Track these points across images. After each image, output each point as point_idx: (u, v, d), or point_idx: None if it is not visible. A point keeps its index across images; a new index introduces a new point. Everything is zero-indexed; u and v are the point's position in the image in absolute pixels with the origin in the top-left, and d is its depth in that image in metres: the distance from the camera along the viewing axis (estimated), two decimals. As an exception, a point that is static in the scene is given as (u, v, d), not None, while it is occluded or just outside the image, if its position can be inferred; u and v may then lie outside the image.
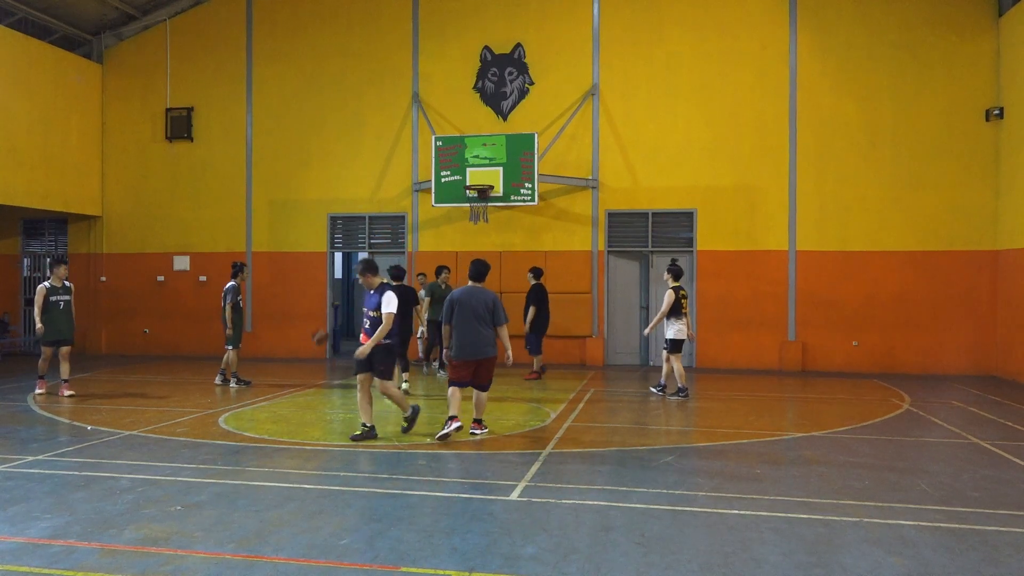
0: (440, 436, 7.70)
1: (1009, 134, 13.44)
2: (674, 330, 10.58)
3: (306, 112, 16.43)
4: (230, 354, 11.69)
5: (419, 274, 14.14)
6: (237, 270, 11.85)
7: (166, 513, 5.30)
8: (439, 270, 13.14)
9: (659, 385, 11.13)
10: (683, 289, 10.78)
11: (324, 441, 7.82)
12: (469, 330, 7.84)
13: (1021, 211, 12.99)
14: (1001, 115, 13.57)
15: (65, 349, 10.79)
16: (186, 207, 17.00)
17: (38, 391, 10.75)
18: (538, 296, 12.93)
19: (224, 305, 11.56)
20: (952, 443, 7.97)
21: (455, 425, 7.77)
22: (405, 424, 8.07)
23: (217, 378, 11.96)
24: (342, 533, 4.89)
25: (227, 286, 11.65)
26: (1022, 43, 13.03)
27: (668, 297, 10.56)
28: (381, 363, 7.78)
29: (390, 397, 7.99)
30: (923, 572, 4.35)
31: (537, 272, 13.11)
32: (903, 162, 14.19)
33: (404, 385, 10.98)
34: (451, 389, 7.98)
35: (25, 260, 18.16)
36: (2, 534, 4.87)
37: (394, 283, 11.21)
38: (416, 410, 8.13)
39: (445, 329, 8.02)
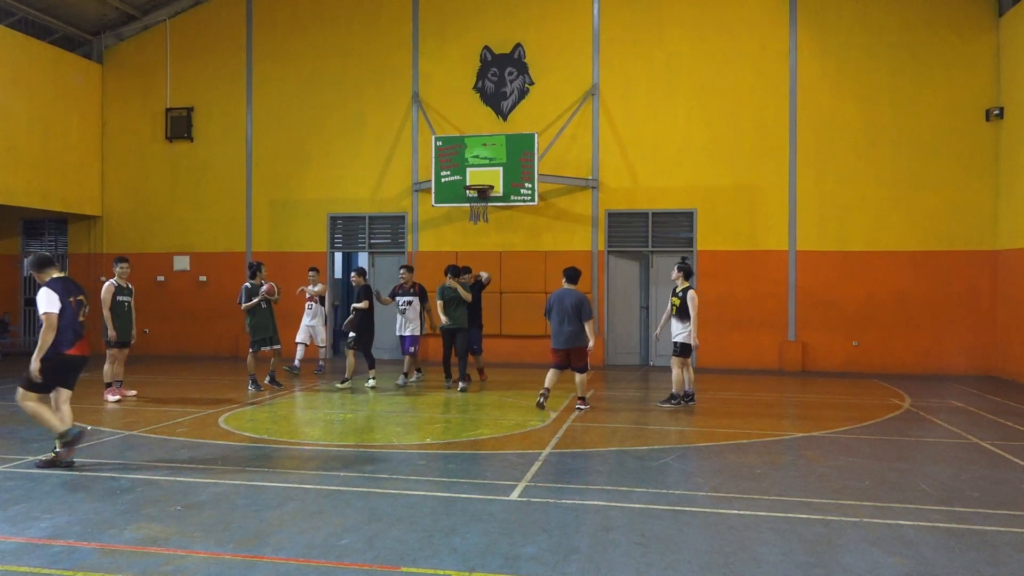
0: (538, 404, 9.57)
1: (1009, 134, 13.45)
2: (685, 334, 9.87)
3: (306, 112, 16.43)
4: (249, 356, 11.37)
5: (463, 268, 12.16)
6: (253, 270, 11.57)
7: (166, 513, 5.30)
8: (460, 271, 11.73)
9: (685, 394, 10.14)
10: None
11: (324, 441, 7.82)
12: (560, 325, 9.50)
13: (1021, 211, 12.99)
14: (1001, 115, 13.57)
15: (126, 351, 10.54)
16: (186, 207, 17.00)
17: (112, 398, 10.17)
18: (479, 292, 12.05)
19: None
20: (952, 443, 7.97)
21: (543, 392, 9.65)
22: (55, 452, 6.52)
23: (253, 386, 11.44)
24: (342, 533, 4.89)
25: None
26: (1022, 43, 13.03)
27: (694, 299, 9.75)
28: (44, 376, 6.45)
29: (34, 414, 6.50)
30: (923, 572, 4.35)
31: (466, 270, 12.09)
32: (903, 162, 14.19)
33: (371, 382, 11.54)
34: (550, 370, 9.72)
35: (25, 260, 18.15)
36: (2, 534, 4.87)
37: (354, 283, 11.59)
38: (77, 434, 6.55)
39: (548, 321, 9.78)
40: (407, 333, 11.79)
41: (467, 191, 13.88)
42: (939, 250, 14.07)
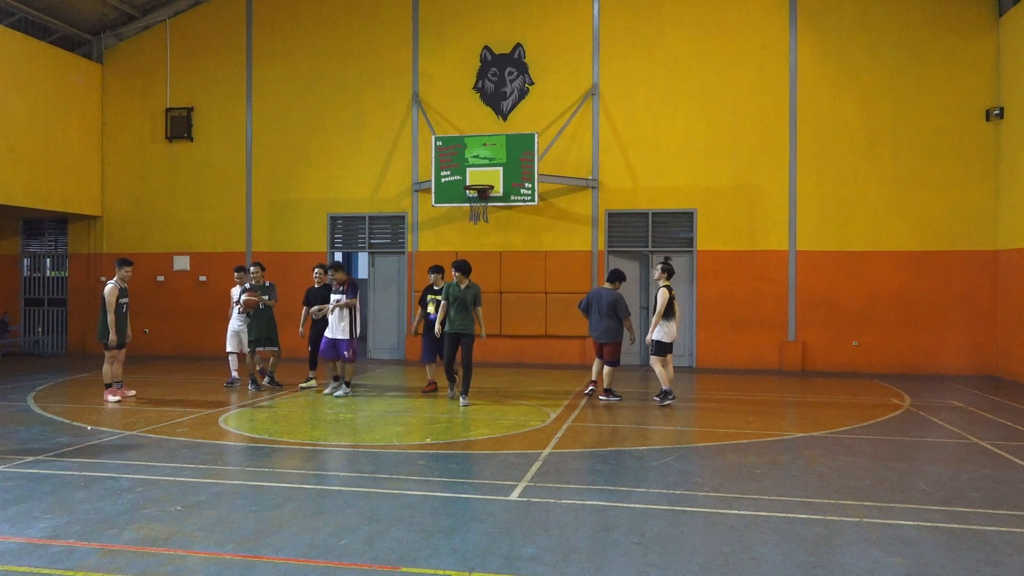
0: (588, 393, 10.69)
1: (1009, 134, 13.44)
2: (661, 332, 10.03)
3: (306, 112, 16.43)
4: (248, 356, 11.41)
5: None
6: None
7: (166, 513, 5.30)
8: (469, 268, 10.31)
9: (662, 393, 10.31)
10: (672, 288, 10.24)
11: (324, 441, 7.82)
12: (593, 319, 10.51)
13: (1021, 211, 12.99)
14: (1001, 115, 13.57)
15: (124, 352, 10.56)
16: (186, 207, 17.00)
17: (112, 399, 10.19)
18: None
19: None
20: (952, 443, 7.97)
21: (591, 388, 10.77)
22: None
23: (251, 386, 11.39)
24: (342, 533, 4.89)
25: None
26: (1022, 43, 13.03)
27: (663, 297, 9.97)
28: None
29: None
30: (923, 572, 4.35)
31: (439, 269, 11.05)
32: (903, 162, 14.19)
33: (311, 383, 11.58)
34: (596, 360, 10.70)
35: (25, 260, 18.16)
36: (2, 534, 4.87)
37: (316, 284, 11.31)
38: None
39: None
40: (339, 336, 10.64)
41: (467, 191, 13.89)
42: (939, 250, 14.07)
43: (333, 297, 10.74)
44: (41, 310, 18.03)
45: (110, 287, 10.27)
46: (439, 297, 10.43)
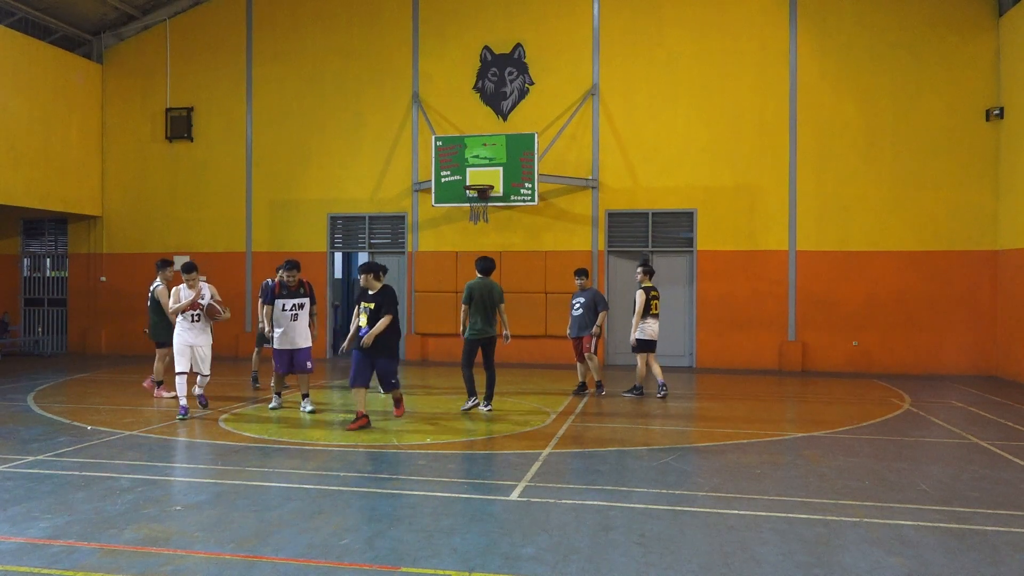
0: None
1: (1009, 134, 13.44)
2: (639, 330, 10.66)
3: (306, 112, 16.43)
4: (254, 354, 11.59)
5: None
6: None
7: (166, 513, 5.30)
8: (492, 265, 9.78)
9: (635, 387, 10.89)
10: (655, 289, 10.85)
11: (324, 441, 7.82)
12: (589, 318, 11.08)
13: (1021, 211, 12.99)
14: (1001, 115, 13.57)
15: (170, 350, 10.51)
16: (186, 207, 17.00)
17: (168, 394, 10.38)
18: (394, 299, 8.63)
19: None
20: (952, 443, 7.97)
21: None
22: None
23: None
24: (342, 533, 4.90)
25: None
26: (1022, 43, 13.02)
27: (640, 298, 10.63)
28: None
29: None
30: (923, 572, 4.35)
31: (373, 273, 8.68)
32: (903, 162, 14.19)
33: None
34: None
35: (25, 260, 18.16)
36: (2, 534, 4.87)
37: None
38: None
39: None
40: (301, 345, 9.41)
41: (467, 191, 13.89)
42: (939, 250, 14.07)
43: (289, 302, 9.42)
44: (41, 310, 18.02)
45: (162, 287, 10.58)
46: (372, 305, 8.43)
